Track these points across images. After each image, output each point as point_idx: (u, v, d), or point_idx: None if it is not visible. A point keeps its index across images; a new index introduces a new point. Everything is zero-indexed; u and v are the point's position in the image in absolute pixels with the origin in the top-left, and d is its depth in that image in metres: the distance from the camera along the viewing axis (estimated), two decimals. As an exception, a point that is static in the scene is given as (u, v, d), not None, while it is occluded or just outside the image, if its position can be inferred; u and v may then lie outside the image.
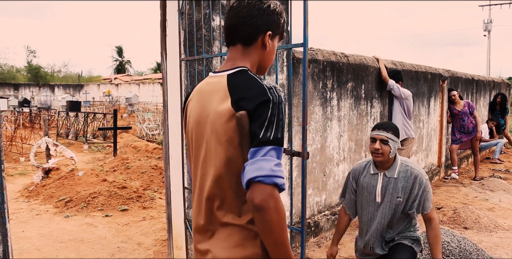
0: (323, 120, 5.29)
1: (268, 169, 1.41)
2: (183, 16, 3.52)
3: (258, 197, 1.40)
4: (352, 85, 5.77)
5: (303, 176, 2.45)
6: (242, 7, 1.67)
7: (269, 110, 1.47)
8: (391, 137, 3.09)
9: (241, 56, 1.70)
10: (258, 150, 1.44)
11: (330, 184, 5.56)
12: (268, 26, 1.68)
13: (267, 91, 1.51)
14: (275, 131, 1.46)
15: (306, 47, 2.36)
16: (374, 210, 3.20)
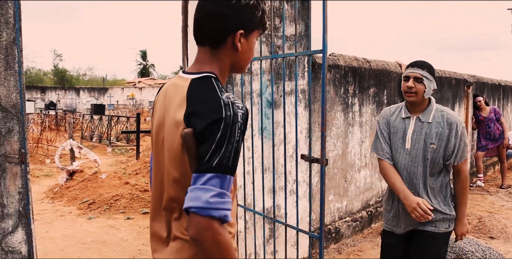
0: (345, 125, 5.27)
1: (203, 201, 1.27)
2: (205, 22, 3.56)
3: (192, 229, 1.29)
4: (374, 91, 5.74)
5: (322, 183, 2.45)
6: (210, 4, 1.47)
7: (219, 132, 1.31)
8: (426, 75, 2.78)
9: (210, 59, 1.52)
10: (198, 177, 1.30)
11: (352, 190, 5.53)
12: (238, 25, 1.48)
13: (222, 108, 1.34)
14: (221, 156, 1.30)
15: (326, 53, 2.36)
16: (403, 159, 2.85)
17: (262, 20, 1.56)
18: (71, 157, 9.06)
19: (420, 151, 2.79)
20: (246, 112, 1.39)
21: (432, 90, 2.80)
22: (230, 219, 1.32)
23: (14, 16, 2.69)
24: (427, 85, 2.76)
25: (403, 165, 2.85)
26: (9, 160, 2.71)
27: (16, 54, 2.71)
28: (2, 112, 2.66)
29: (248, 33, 1.52)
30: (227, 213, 1.31)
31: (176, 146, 1.41)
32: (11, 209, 2.74)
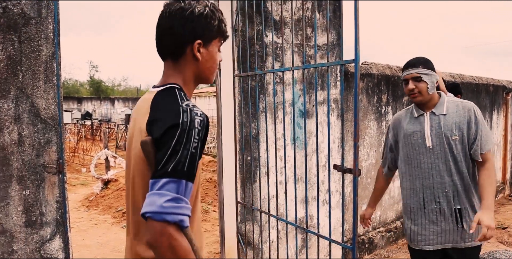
0: (378, 135, 5.21)
1: (158, 205, 1.26)
2: (237, 32, 3.60)
3: (148, 234, 1.28)
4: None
5: (355, 193, 2.43)
6: (164, 19, 1.50)
7: (175, 138, 1.31)
8: (423, 71, 2.66)
9: (173, 72, 1.54)
10: (155, 183, 1.29)
11: (385, 200, 5.45)
12: (195, 35, 1.49)
13: (180, 114, 1.34)
14: (176, 161, 1.30)
15: (358, 63, 2.35)
16: (427, 158, 2.70)
17: (219, 29, 1.56)
18: (106, 166, 9.24)
19: (443, 145, 2.65)
20: (205, 119, 1.39)
21: (435, 83, 2.70)
22: (187, 224, 1.31)
23: (53, 31, 2.78)
24: (428, 81, 2.66)
25: (430, 164, 2.69)
26: (47, 170, 2.78)
27: (55, 68, 2.79)
28: (41, 123, 2.75)
29: (206, 42, 1.53)
30: (183, 218, 1.29)
31: (138, 154, 1.43)
32: (49, 217, 2.81)
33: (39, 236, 2.76)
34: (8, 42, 2.61)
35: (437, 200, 2.69)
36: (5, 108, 2.61)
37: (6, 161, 2.62)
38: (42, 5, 2.73)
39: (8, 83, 2.61)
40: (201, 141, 1.36)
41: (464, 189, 2.66)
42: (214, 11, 1.53)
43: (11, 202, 2.64)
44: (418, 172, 2.74)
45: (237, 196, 3.68)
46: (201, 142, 1.36)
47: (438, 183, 2.68)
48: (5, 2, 2.58)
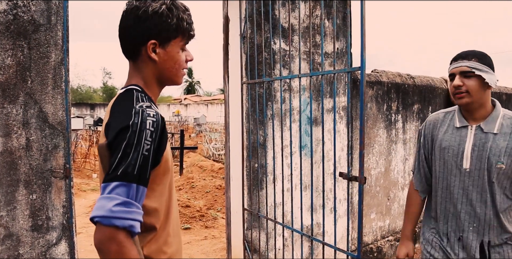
0: (388, 143, 5.18)
1: (106, 209, 1.20)
2: (245, 40, 3.61)
3: (96, 239, 1.22)
4: (418, 107, 5.63)
5: (360, 201, 2.42)
6: (122, 18, 1.45)
7: (125, 140, 1.27)
8: (476, 66, 2.11)
9: (133, 72, 1.51)
10: (105, 186, 1.24)
11: (395, 209, 5.40)
12: (149, 35, 1.43)
13: (131, 116, 1.30)
14: (127, 164, 1.24)
15: (364, 71, 2.34)
16: (459, 182, 2.21)
17: (179, 28, 1.47)
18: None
19: (483, 172, 2.13)
20: (159, 120, 1.33)
21: (492, 86, 2.14)
22: (138, 230, 1.25)
23: (62, 38, 2.81)
24: (487, 78, 2.11)
25: (462, 190, 2.22)
26: (54, 174, 2.81)
27: (63, 74, 2.82)
28: (49, 128, 2.78)
29: (164, 42, 1.46)
30: (132, 224, 1.23)
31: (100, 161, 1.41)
32: (56, 222, 2.83)
33: (45, 240, 2.78)
34: (18, 48, 2.64)
35: (460, 234, 2.26)
36: (14, 113, 2.64)
37: (13, 165, 2.64)
38: (52, 12, 2.77)
39: (17, 89, 2.65)
40: (156, 143, 1.31)
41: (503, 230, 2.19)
42: (172, 9, 1.44)
43: (18, 206, 2.67)
44: (446, 195, 2.29)
45: (244, 203, 3.68)
46: (155, 143, 1.30)
47: (467, 214, 2.22)
48: (15, 9, 2.62)
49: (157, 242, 1.44)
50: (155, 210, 1.42)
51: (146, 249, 1.41)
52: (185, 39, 1.51)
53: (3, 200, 2.61)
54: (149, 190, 1.38)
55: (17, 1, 2.63)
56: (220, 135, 17.85)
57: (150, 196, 1.39)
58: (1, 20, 2.58)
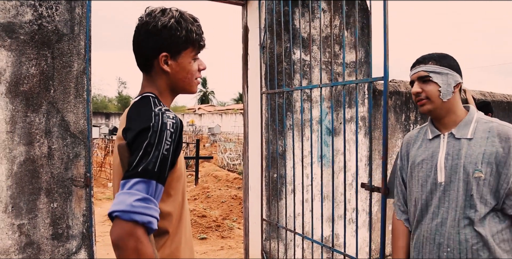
0: (406, 153, 5.13)
1: (127, 204, 1.22)
2: (265, 50, 3.61)
3: (114, 234, 1.22)
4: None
5: (383, 212, 2.38)
6: (134, 33, 1.52)
7: (146, 139, 1.30)
8: (433, 69, 1.89)
9: (147, 83, 1.56)
10: (125, 183, 1.27)
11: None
12: (160, 48, 1.48)
13: (151, 118, 1.34)
14: (147, 162, 1.28)
15: (387, 80, 2.32)
16: (437, 199, 1.86)
17: (188, 39, 1.52)
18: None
19: (460, 184, 1.80)
20: (178, 122, 1.37)
21: (454, 87, 1.89)
22: (155, 227, 1.27)
23: (85, 48, 2.84)
24: (440, 82, 1.88)
25: (436, 209, 1.87)
26: (75, 183, 2.82)
27: (85, 83, 2.84)
28: (71, 137, 2.79)
29: (175, 54, 1.51)
30: (151, 220, 1.25)
31: (117, 162, 1.42)
32: (76, 230, 2.83)
33: (65, 249, 2.78)
34: (42, 57, 2.67)
35: None
36: (37, 122, 2.66)
37: (35, 173, 2.66)
38: (75, 22, 2.80)
39: (40, 98, 2.67)
40: (175, 144, 1.34)
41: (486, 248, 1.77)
42: (181, 22, 1.49)
43: (39, 214, 2.68)
44: (425, 217, 1.91)
45: (263, 214, 3.65)
46: (174, 144, 1.34)
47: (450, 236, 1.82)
48: (40, 19, 2.65)
49: (170, 247, 1.45)
50: (169, 214, 1.43)
51: (160, 253, 1.42)
52: (195, 49, 1.56)
53: (25, 208, 2.62)
54: (164, 194, 1.40)
55: (42, 12, 2.67)
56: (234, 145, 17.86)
57: (165, 200, 1.41)
58: (26, 30, 2.61)
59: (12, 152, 2.58)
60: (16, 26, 2.58)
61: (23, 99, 2.61)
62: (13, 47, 2.57)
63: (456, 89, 1.90)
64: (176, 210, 1.46)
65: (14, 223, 2.59)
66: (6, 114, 2.56)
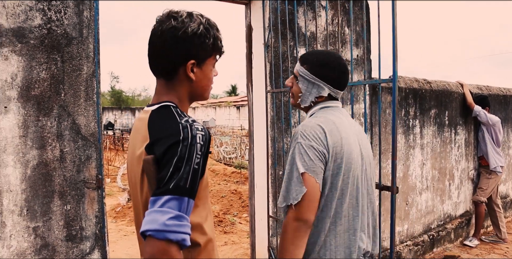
0: (406, 148, 5.19)
1: (160, 223, 1.20)
2: (269, 48, 3.65)
3: (147, 253, 1.20)
4: (435, 112, 5.64)
5: (393, 211, 2.44)
6: (156, 37, 1.43)
7: (177, 154, 1.26)
8: (303, 73, 1.95)
9: (166, 90, 1.49)
10: (156, 200, 1.23)
11: (413, 214, 5.42)
12: (188, 55, 1.43)
13: (180, 131, 1.30)
14: (179, 178, 1.25)
15: (396, 83, 2.37)
16: None
17: (215, 47, 1.49)
18: (132, 177, 9.34)
19: None
20: (206, 134, 1.34)
21: (314, 98, 1.96)
22: (189, 243, 1.25)
23: (94, 51, 2.86)
24: (303, 90, 1.96)
25: None
26: (87, 185, 2.85)
27: (95, 86, 2.87)
28: (82, 140, 2.82)
29: (201, 62, 1.47)
30: (185, 237, 1.23)
31: (139, 177, 1.40)
32: (89, 231, 2.87)
33: (79, 250, 2.82)
34: (52, 61, 2.70)
35: None
36: (48, 125, 2.69)
37: (48, 177, 2.69)
38: (84, 25, 2.82)
39: (51, 101, 2.69)
40: (204, 156, 1.32)
41: None
42: (209, 29, 1.46)
43: (53, 216, 2.71)
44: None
45: (269, 210, 3.71)
46: (203, 157, 1.32)
47: None
48: (49, 23, 2.67)
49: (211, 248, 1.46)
50: (198, 226, 1.42)
51: None
52: (217, 55, 1.54)
53: (39, 210, 2.66)
54: None
55: (50, 16, 2.68)
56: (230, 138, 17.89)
57: (193, 211, 1.39)
58: (36, 34, 2.63)
59: (25, 156, 2.61)
60: (26, 30, 2.60)
61: (34, 104, 2.64)
62: (24, 52, 2.59)
63: (319, 99, 1.96)
64: (203, 220, 1.45)
65: (29, 226, 2.63)
66: (19, 119, 2.58)
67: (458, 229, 6.11)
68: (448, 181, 6.02)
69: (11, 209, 2.56)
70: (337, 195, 1.80)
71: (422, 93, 5.41)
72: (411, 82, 5.33)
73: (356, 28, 4.36)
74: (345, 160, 1.79)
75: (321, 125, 1.81)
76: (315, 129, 1.79)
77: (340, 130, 1.82)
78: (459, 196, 6.29)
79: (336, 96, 1.97)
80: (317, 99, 1.95)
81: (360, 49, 4.37)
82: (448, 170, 6.00)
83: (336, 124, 1.83)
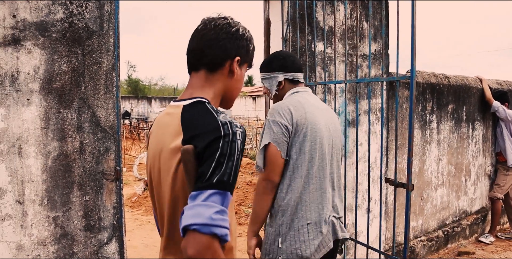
0: (422, 143, 5.18)
1: (206, 217, 1.19)
2: (287, 43, 3.65)
3: (192, 248, 1.18)
4: (452, 107, 5.60)
5: (407, 208, 2.45)
6: (209, 30, 1.49)
7: (219, 150, 1.28)
8: (263, 76, 2.53)
9: (203, 84, 1.52)
10: (198, 194, 1.23)
11: (428, 209, 5.41)
12: (237, 51, 1.51)
13: (220, 128, 1.32)
14: (222, 173, 1.26)
15: (414, 79, 2.37)
16: None
17: (250, 55, 1.59)
18: (148, 167, 9.43)
19: None
20: (244, 131, 1.37)
21: (276, 86, 2.48)
22: (229, 239, 1.25)
23: (114, 44, 2.90)
24: (267, 86, 2.52)
25: None
26: (106, 177, 2.90)
27: (114, 79, 2.91)
28: (101, 132, 2.87)
29: (242, 62, 1.56)
30: (227, 232, 1.23)
31: (171, 171, 1.40)
32: (107, 222, 2.93)
33: (97, 240, 2.89)
34: (73, 55, 2.74)
35: None
36: (69, 117, 2.74)
37: (68, 168, 2.75)
38: (104, 19, 2.85)
39: (72, 94, 2.74)
40: (241, 153, 1.35)
41: None
42: (252, 37, 1.58)
43: (72, 207, 2.77)
44: None
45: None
46: (241, 154, 1.34)
47: None
48: (71, 17, 2.71)
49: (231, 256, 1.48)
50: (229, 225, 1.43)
51: None
52: (248, 67, 1.64)
53: (59, 201, 2.72)
54: None
55: (72, 10, 2.72)
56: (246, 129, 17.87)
57: None
58: (58, 28, 2.67)
59: (46, 147, 2.67)
60: (49, 24, 2.64)
61: (56, 96, 2.69)
62: (46, 45, 2.64)
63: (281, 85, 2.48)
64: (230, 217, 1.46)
65: (49, 216, 2.69)
66: (40, 111, 2.64)
67: (474, 225, 6.09)
68: (464, 177, 5.99)
69: (33, 199, 2.63)
70: (306, 158, 2.22)
71: (440, 88, 5.37)
72: (429, 77, 5.29)
73: (374, 22, 4.34)
74: (310, 129, 2.21)
75: (287, 104, 2.27)
76: (282, 107, 2.26)
77: (304, 106, 2.26)
78: (475, 192, 6.26)
79: (294, 77, 2.46)
80: (278, 87, 2.47)
81: (378, 44, 4.35)
82: (464, 166, 5.96)
83: (301, 102, 2.29)
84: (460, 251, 5.49)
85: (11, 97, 2.53)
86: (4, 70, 2.50)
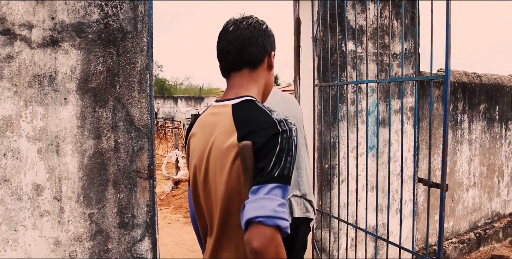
0: (453, 143, 5.10)
1: (270, 209, 1.21)
2: (317, 42, 3.65)
3: (257, 240, 1.19)
4: (484, 107, 5.50)
5: (441, 209, 2.43)
6: (243, 30, 1.52)
7: (278, 146, 1.31)
8: None
9: (247, 82, 1.55)
10: (260, 188, 1.26)
11: (459, 210, 5.33)
12: (271, 46, 1.59)
13: (276, 124, 1.35)
14: (282, 167, 1.29)
15: (448, 79, 2.34)
16: None
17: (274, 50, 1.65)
18: (176, 166, 9.52)
19: None
20: (297, 128, 1.40)
21: None
22: (289, 231, 1.25)
23: (147, 44, 2.94)
24: None
25: None
26: (139, 175, 2.95)
27: (148, 79, 2.96)
28: (135, 131, 2.92)
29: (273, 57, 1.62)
30: (288, 225, 1.24)
31: (227, 168, 1.40)
32: (140, 219, 2.98)
33: (130, 237, 2.94)
34: (108, 55, 2.79)
35: None
36: (104, 116, 2.79)
37: (103, 166, 2.81)
38: (138, 20, 2.90)
39: (107, 93, 2.80)
40: (296, 149, 1.38)
41: None
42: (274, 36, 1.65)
43: (107, 204, 2.83)
44: None
45: (314, 204, 3.73)
46: (296, 149, 1.37)
47: None
48: (106, 18, 2.76)
49: None
50: None
51: None
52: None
53: (95, 198, 2.78)
54: None
55: (107, 11, 2.77)
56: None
57: None
58: (94, 29, 2.73)
59: (82, 146, 2.73)
60: (85, 25, 2.70)
61: (91, 96, 2.75)
62: (82, 46, 2.70)
63: None
64: None
65: (85, 212, 2.75)
66: (77, 110, 2.70)
67: (507, 228, 5.97)
68: (497, 178, 5.88)
69: (69, 196, 2.69)
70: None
71: (472, 87, 5.29)
72: (460, 76, 5.21)
73: (405, 21, 4.30)
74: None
75: None
76: None
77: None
78: (509, 194, 6.13)
79: None
80: None
81: (408, 43, 4.31)
82: (497, 167, 5.85)
83: None
84: (493, 254, 5.39)
85: (49, 96, 2.60)
86: (43, 70, 2.57)
